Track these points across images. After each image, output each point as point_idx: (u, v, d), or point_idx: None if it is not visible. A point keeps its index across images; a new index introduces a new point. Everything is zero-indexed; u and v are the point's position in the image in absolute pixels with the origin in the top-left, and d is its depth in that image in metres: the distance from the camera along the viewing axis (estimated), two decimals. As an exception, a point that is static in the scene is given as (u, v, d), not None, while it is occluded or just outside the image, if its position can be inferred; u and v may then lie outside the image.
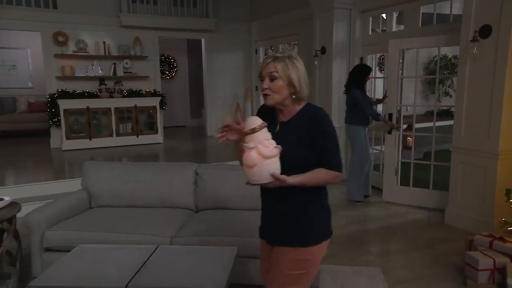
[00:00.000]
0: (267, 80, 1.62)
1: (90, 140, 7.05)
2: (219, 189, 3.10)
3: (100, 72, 7.27)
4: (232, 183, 3.10)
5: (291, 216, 1.66)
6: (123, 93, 7.29)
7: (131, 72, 7.54)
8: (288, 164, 1.56)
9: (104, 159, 6.31)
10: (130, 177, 3.21)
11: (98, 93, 7.08)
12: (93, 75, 7.20)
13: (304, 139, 1.61)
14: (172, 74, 10.21)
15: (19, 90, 8.92)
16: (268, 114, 1.69)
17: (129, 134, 7.41)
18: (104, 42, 7.23)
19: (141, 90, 7.51)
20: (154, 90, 7.70)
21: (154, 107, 7.57)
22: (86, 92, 7.04)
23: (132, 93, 7.38)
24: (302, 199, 1.65)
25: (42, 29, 6.79)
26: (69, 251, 2.56)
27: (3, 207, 2.68)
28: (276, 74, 1.60)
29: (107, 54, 7.25)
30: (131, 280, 1.94)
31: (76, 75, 7.12)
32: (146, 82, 7.71)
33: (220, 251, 2.28)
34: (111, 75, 7.35)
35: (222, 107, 8.59)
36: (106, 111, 7.13)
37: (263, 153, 1.49)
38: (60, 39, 6.87)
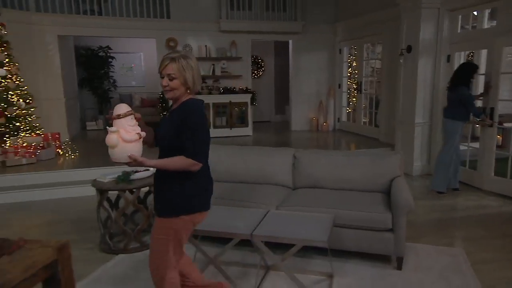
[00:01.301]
0: (166, 78, 1.86)
1: (192, 131, 7.95)
2: (314, 170, 3.55)
3: (202, 72, 8.16)
4: (325, 166, 3.53)
5: (162, 192, 1.94)
6: (220, 90, 8.09)
7: (227, 72, 8.32)
8: (164, 144, 1.87)
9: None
10: (239, 158, 3.80)
11: (200, 90, 7.96)
12: (196, 74, 8.11)
13: (177, 127, 1.84)
14: (259, 73, 10.89)
15: (134, 88, 10.32)
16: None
17: (224, 126, 8.19)
18: (206, 45, 8.11)
19: (234, 88, 8.26)
20: (246, 87, 8.39)
21: (246, 103, 8.26)
22: (190, 89, 7.95)
23: (227, 90, 8.15)
24: (171, 179, 1.88)
25: (157, 36, 7.86)
26: (197, 212, 3.23)
27: (149, 176, 3.44)
28: (173, 75, 1.84)
29: (207, 56, 8.13)
30: (254, 229, 2.48)
31: (182, 75, 8.07)
32: (239, 81, 8.45)
33: (319, 217, 2.73)
34: (210, 74, 8.21)
35: (306, 103, 9.02)
36: (206, 106, 7.97)
37: (124, 136, 1.72)
38: (171, 44, 7.89)
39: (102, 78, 9.77)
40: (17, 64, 5.49)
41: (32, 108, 5.64)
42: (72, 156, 5.94)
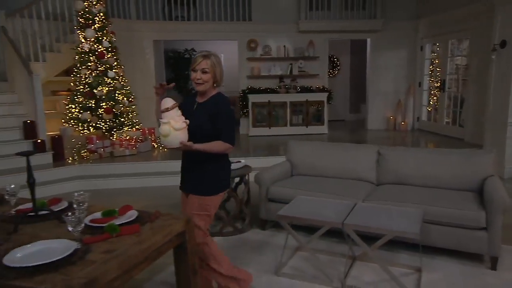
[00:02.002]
0: (199, 72, 2.15)
1: (269, 128, 8.24)
2: (399, 167, 3.56)
3: (280, 71, 8.41)
4: (411, 163, 3.52)
5: (204, 173, 2.23)
6: (297, 89, 8.26)
7: (304, 71, 8.46)
8: (199, 132, 2.14)
9: (280, 144, 7.37)
10: (323, 153, 3.94)
11: (278, 89, 8.21)
12: (274, 74, 8.39)
13: (211, 117, 2.16)
14: (335, 72, 10.84)
15: (214, 88, 10.90)
16: (189, 97, 2.35)
17: (300, 124, 8.34)
18: (284, 46, 8.33)
19: (311, 87, 8.37)
20: (323, 86, 8.46)
21: (322, 102, 8.32)
22: (268, 88, 8.26)
23: (304, 89, 8.30)
24: (206, 162, 2.21)
25: (239, 37, 8.27)
26: (284, 202, 3.44)
27: (241, 167, 3.74)
28: (207, 69, 2.15)
29: (286, 56, 8.35)
30: (345, 219, 2.62)
31: (262, 74, 8.41)
32: (315, 80, 8.54)
33: (408, 211, 2.77)
34: (288, 73, 8.42)
35: (383, 102, 8.82)
36: (283, 105, 8.21)
37: (174, 126, 2.02)
38: (252, 45, 8.25)
39: (186, 78, 10.49)
40: (122, 67, 6.19)
41: (133, 106, 6.32)
42: (165, 150, 6.53)
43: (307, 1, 8.19)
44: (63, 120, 5.94)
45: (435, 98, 8.40)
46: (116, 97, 5.94)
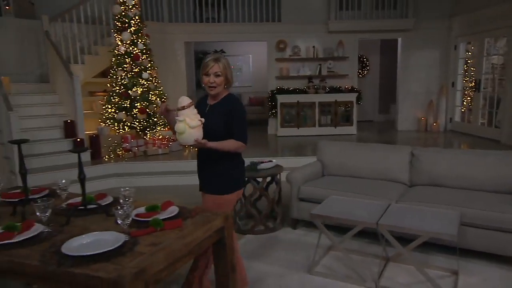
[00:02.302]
0: (212, 76, 2.20)
1: (298, 128, 8.24)
2: (433, 168, 3.50)
3: (309, 72, 8.39)
4: (446, 164, 3.45)
5: (224, 172, 2.28)
6: (326, 89, 8.22)
7: (333, 71, 8.41)
8: (211, 133, 2.18)
9: (308, 145, 7.35)
10: (354, 154, 3.92)
11: (307, 89, 8.20)
12: (303, 74, 8.38)
13: (223, 117, 2.20)
14: (364, 72, 10.70)
15: (242, 88, 11.03)
16: (201, 99, 2.39)
17: (328, 125, 8.30)
18: (313, 46, 8.31)
19: (340, 87, 8.30)
20: (352, 86, 8.37)
21: (351, 102, 8.24)
22: (297, 89, 8.27)
23: (333, 90, 8.24)
24: (219, 161, 2.26)
25: (268, 38, 8.32)
26: (315, 202, 3.46)
27: (272, 167, 3.78)
28: (219, 73, 2.20)
29: (315, 56, 8.32)
30: (379, 219, 2.61)
31: (290, 74, 8.42)
32: (345, 80, 8.46)
33: (445, 212, 2.73)
34: (317, 74, 8.39)
35: (414, 102, 8.63)
36: (311, 105, 8.19)
37: (189, 124, 2.05)
38: (281, 45, 8.28)
39: (215, 79, 10.62)
40: (156, 68, 6.38)
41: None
42: (196, 149, 6.66)
43: (337, 1, 8.14)
44: (99, 120, 6.18)
45: (469, 98, 8.14)
46: (150, 98, 6.12)
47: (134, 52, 5.98)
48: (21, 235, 1.69)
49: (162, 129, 6.42)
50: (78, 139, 5.60)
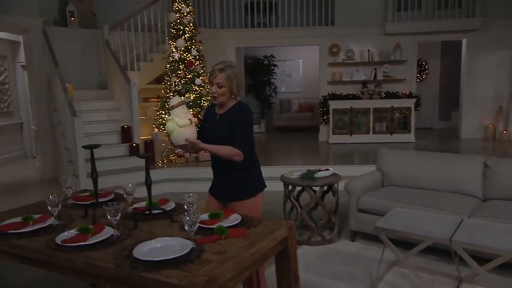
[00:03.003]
0: (215, 86, 2.21)
1: (351, 136, 8.05)
2: (511, 181, 3.24)
3: (363, 76, 8.19)
4: (527, 178, 3.18)
5: (243, 177, 2.32)
6: (382, 95, 7.97)
7: (390, 76, 8.14)
8: (222, 142, 2.18)
9: (362, 153, 7.15)
10: (418, 163, 3.73)
11: (360, 95, 8.00)
12: (357, 79, 8.19)
13: (232, 125, 2.21)
14: (422, 76, 10.25)
15: (292, 94, 11.00)
16: (210, 108, 2.39)
17: (384, 132, 8.01)
18: (368, 49, 8.11)
19: (397, 92, 8.00)
20: (410, 92, 8.05)
21: (409, 108, 7.91)
22: (350, 94, 8.09)
23: (389, 95, 7.97)
24: (247, 166, 2.29)
25: (320, 42, 8.24)
26: (376, 213, 3.33)
27: (330, 176, 3.70)
28: (222, 84, 2.19)
29: (370, 60, 8.11)
30: (452, 235, 2.45)
31: (343, 80, 8.27)
32: (402, 85, 8.16)
33: (529, 232, 2.50)
34: (372, 79, 8.16)
35: (480, 108, 8.12)
36: (366, 111, 7.97)
37: (178, 122, 2.04)
38: (334, 50, 8.17)
39: (264, 84, 10.72)
40: (208, 74, 6.53)
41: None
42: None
43: (394, 2, 7.89)
44: (153, 126, 6.43)
45: (545, 104, 7.50)
46: (202, 104, 6.27)
47: (188, 59, 6.17)
48: (94, 237, 1.77)
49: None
50: (134, 144, 5.86)
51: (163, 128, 6.28)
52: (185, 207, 1.98)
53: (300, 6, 8.23)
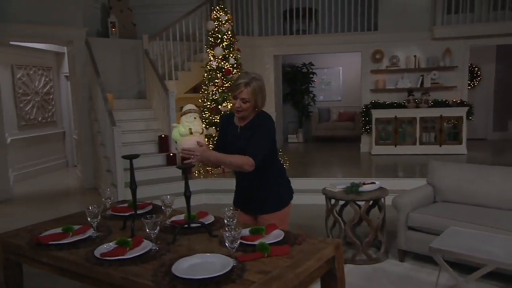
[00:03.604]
0: (239, 101, 2.14)
1: (395, 146, 7.75)
2: None
3: (408, 84, 7.89)
4: None
5: (271, 189, 2.32)
6: (429, 103, 7.63)
7: (438, 83, 7.79)
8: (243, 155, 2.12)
9: (408, 165, 6.85)
10: (475, 177, 3.49)
11: (406, 103, 7.71)
12: (401, 87, 7.91)
13: (252, 137, 2.16)
14: (474, 83, 9.75)
15: (331, 103, 10.82)
16: (229, 118, 2.35)
17: (432, 143, 7.65)
18: (415, 55, 7.82)
19: (446, 101, 7.64)
20: (461, 100, 7.66)
21: (460, 118, 7.51)
22: (395, 103, 7.82)
23: (437, 103, 7.62)
24: (273, 177, 2.31)
25: (362, 49, 8.05)
26: (428, 232, 3.13)
27: (376, 189, 3.53)
28: (247, 99, 2.13)
29: (416, 67, 7.82)
30: (521, 261, 2.23)
31: (387, 87, 8.01)
32: (452, 92, 7.78)
33: None
34: (418, 86, 7.85)
35: (542, 118, 7.56)
36: (412, 121, 7.65)
37: (179, 131, 2.02)
38: (377, 56, 7.95)
39: (303, 93, 10.62)
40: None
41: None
42: (284, 166, 6.62)
43: (444, 5, 7.57)
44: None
45: None
46: (239, 113, 6.27)
47: (226, 67, 6.21)
48: (132, 251, 1.75)
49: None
50: (171, 154, 5.94)
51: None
52: (225, 221, 1.92)
53: (341, 12, 8.10)
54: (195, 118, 2.06)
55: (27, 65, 7.51)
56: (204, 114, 6.30)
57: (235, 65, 6.31)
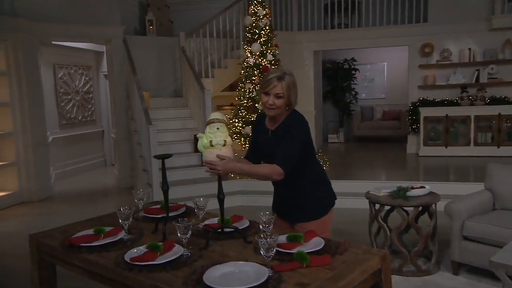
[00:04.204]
0: (272, 97, 2.02)
1: (446, 147, 7.36)
2: None
3: (462, 79, 7.46)
4: None
5: (310, 196, 2.20)
6: (486, 100, 7.18)
7: (496, 78, 7.31)
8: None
9: (462, 168, 6.47)
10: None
11: (459, 100, 7.29)
12: (454, 82, 7.49)
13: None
14: (537, 78, 9.06)
15: (374, 101, 10.48)
16: (260, 122, 2.24)
17: (488, 144, 7.20)
18: (469, 48, 7.38)
19: (506, 97, 7.15)
20: (523, 96, 7.15)
21: (522, 116, 7.01)
22: (446, 100, 7.42)
23: (495, 100, 7.15)
24: (312, 183, 2.19)
25: (410, 42, 7.71)
26: (487, 243, 2.90)
27: (425, 194, 3.32)
28: (281, 95, 2.01)
29: (471, 60, 7.38)
30: None
31: (437, 83, 7.62)
32: (512, 88, 7.28)
33: None
34: (473, 82, 7.41)
35: None
36: (465, 119, 7.24)
37: (202, 143, 1.94)
38: (426, 50, 7.58)
39: (344, 90, 10.36)
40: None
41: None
42: (324, 167, 6.47)
43: (503, -9, 7.10)
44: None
45: None
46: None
47: (263, 64, 6.15)
48: (163, 256, 1.71)
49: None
50: (207, 153, 5.94)
51: (236, 137, 6.31)
52: (261, 227, 1.84)
53: (387, 3, 7.81)
54: (218, 128, 1.94)
55: (68, 65, 7.83)
56: (241, 112, 6.27)
57: (273, 62, 6.24)
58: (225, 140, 1.94)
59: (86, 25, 6.32)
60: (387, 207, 3.43)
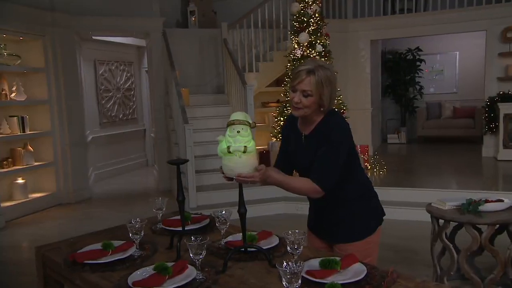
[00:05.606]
0: (299, 94, 1.81)
1: (531, 151, 6.68)
2: None
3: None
4: None
5: (352, 214, 1.99)
6: None
7: None
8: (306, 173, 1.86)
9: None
10: None
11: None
12: (542, 73, 6.77)
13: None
14: None
15: (443, 96, 9.82)
16: (290, 126, 2.04)
17: None
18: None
19: None
20: None
21: None
22: (531, 94, 6.72)
23: None
24: (353, 197, 1.98)
25: (488, 27, 7.08)
26: None
27: (505, 209, 2.92)
28: (310, 92, 1.79)
29: None
30: None
31: (524, 75, 6.94)
32: None
33: None
34: None
35: None
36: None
37: (220, 147, 1.76)
38: (509, 35, 6.92)
39: (407, 84, 9.81)
40: (336, 73, 6.14)
41: (346, 118, 6.17)
42: (381, 172, 6.10)
43: None
44: (271, 134, 6.31)
45: None
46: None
47: (312, 56, 5.89)
48: (171, 280, 1.57)
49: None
50: (247, 155, 5.80)
51: (280, 137, 6.12)
52: (288, 248, 1.64)
53: (461, -18, 7.23)
54: (239, 131, 1.74)
55: (109, 60, 8.05)
56: (286, 110, 6.06)
57: (322, 53, 5.96)
58: (245, 146, 1.72)
59: (125, 18, 6.42)
60: (454, 223, 3.08)
